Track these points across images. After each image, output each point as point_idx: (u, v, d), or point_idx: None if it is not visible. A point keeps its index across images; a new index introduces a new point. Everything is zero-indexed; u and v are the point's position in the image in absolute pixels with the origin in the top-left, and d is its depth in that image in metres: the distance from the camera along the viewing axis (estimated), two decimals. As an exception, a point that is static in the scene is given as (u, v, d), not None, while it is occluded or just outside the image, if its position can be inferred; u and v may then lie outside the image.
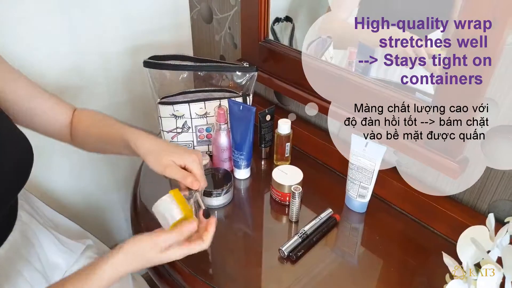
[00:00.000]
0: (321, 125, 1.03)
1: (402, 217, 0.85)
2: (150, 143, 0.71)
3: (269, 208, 0.88)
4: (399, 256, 0.78)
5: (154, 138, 0.73)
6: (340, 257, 0.77)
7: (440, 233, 0.81)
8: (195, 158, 0.70)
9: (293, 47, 1.03)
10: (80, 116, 0.80)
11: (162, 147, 0.71)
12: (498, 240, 0.56)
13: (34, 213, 0.81)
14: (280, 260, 0.75)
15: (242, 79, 0.99)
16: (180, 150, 0.70)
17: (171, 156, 0.68)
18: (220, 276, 0.73)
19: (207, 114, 0.96)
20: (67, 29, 1.05)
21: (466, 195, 0.80)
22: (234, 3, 1.11)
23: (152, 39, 1.23)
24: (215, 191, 0.84)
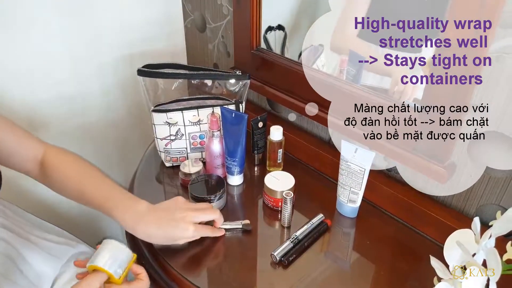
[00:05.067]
0: (313, 132, 1.05)
1: (393, 221, 0.87)
2: (149, 226, 0.72)
3: (261, 213, 0.89)
4: (390, 260, 0.79)
5: (146, 213, 0.72)
6: (332, 261, 0.78)
7: (430, 237, 0.82)
8: (205, 207, 0.78)
9: (285, 56, 1.05)
10: (56, 161, 0.76)
11: (162, 220, 0.72)
12: (483, 243, 0.57)
13: (15, 227, 0.80)
14: (272, 265, 0.76)
15: (235, 87, 1.01)
16: (185, 209, 0.75)
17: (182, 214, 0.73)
18: (214, 281, 0.74)
19: (200, 121, 0.97)
20: (62, 37, 1.07)
21: (454, 199, 0.81)
22: (227, 13, 1.13)
23: (147, 48, 1.25)
24: (208, 197, 0.85)
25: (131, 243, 0.85)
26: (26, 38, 1.01)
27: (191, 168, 0.94)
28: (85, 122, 1.21)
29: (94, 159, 0.85)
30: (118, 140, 1.32)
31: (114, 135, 1.30)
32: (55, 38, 1.06)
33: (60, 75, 1.10)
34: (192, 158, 1.00)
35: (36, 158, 0.76)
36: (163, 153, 1.00)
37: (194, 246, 0.80)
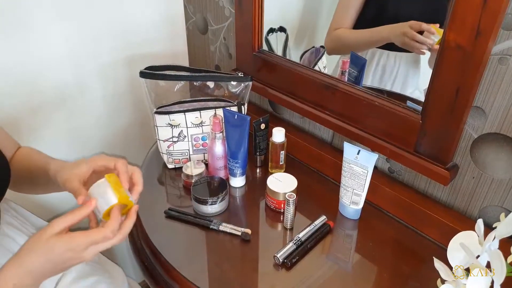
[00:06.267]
0: (315, 133, 1.05)
1: (395, 223, 0.87)
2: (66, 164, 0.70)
3: (264, 215, 0.89)
4: (392, 262, 0.79)
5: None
6: (335, 263, 0.78)
7: (432, 239, 0.82)
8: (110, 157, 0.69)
9: (287, 57, 1.05)
10: (17, 154, 0.79)
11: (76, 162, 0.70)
12: (487, 245, 0.57)
13: (20, 226, 0.81)
14: (275, 267, 0.76)
15: (237, 89, 1.01)
16: (96, 158, 0.69)
17: (89, 162, 0.68)
18: (216, 283, 0.74)
19: (202, 123, 0.97)
20: (63, 39, 1.07)
21: (457, 201, 0.81)
22: (228, 14, 1.13)
23: (148, 50, 1.25)
24: (211, 199, 0.85)
25: (133, 247, 0.86)
26: (27, 40, 1.01)
27: (193, 170, 0.94)
28: (86, 124, 1.21)
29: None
30: (120, 142, 1.32)
31: (116, 137, 1.30)
32: (57, 41, 1.06)
33: (61, 77, 1.10)
34: (195, 160, 1.00)
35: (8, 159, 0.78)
36: (166, 155, 1.00)
37: (196, 246, 0.81)
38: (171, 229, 0.85)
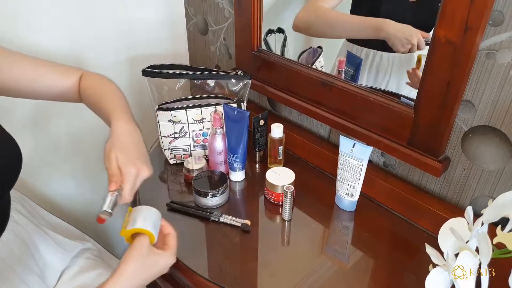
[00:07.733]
0: (312, 130, 1.08)
1: (390, 215, 0.89)
2: (122, 134, 0.70)
3: (263, 208, 0.92)
4: (387, 252, 0.82)
5: (132, 132, 0.73)
6: (331, 254, 0.81)
7: (426, 229, 0.85)
8: (134, 172, 0.66)
9: (285, 57, 1.08)
10: (86, 80, 0.83)
11: (126, 142, 0.69)
12: (475, 229, 0.60)
13: (29, 215, 0.83)
14: (274, 256, 0.79)
15: (237, 87, 1.04)
16: (132, 158, 0.67)
17: (120, 153, 0.66)
18: (218, 271, 0.76)
19: (203, 119, 1.00)
20: (67, 39, 1.10)
21: (449, 193, 0.84)
22: (228, 16, 1.16)
23: (150, 51, 1.28)
24: (211, 191, 0.87)
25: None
26: (31, 39, 1.04)
27: (194, 165, 0.97)
28: (89, 122, 1.24)
29: (98, 158, 0.88)
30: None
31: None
32: (61, 42, 1.09)
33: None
34: (196, 155, 1.03)
35: (72, 84, 0.82)
36: (167, 151, 1.02)
37: (198, 237, 0.83)
38: (173, 221, 0.86)
